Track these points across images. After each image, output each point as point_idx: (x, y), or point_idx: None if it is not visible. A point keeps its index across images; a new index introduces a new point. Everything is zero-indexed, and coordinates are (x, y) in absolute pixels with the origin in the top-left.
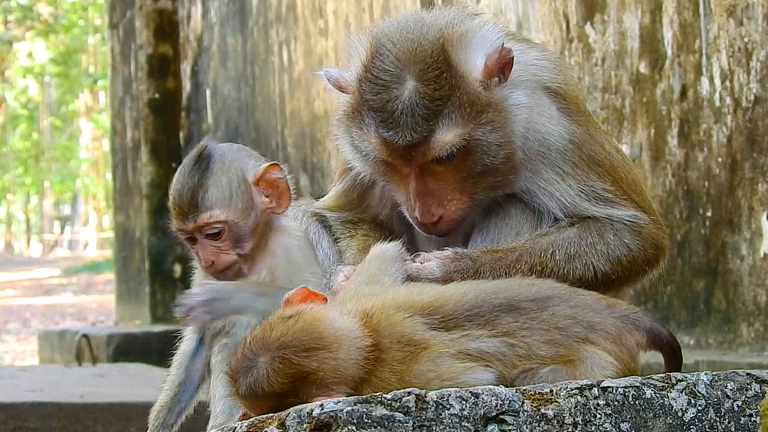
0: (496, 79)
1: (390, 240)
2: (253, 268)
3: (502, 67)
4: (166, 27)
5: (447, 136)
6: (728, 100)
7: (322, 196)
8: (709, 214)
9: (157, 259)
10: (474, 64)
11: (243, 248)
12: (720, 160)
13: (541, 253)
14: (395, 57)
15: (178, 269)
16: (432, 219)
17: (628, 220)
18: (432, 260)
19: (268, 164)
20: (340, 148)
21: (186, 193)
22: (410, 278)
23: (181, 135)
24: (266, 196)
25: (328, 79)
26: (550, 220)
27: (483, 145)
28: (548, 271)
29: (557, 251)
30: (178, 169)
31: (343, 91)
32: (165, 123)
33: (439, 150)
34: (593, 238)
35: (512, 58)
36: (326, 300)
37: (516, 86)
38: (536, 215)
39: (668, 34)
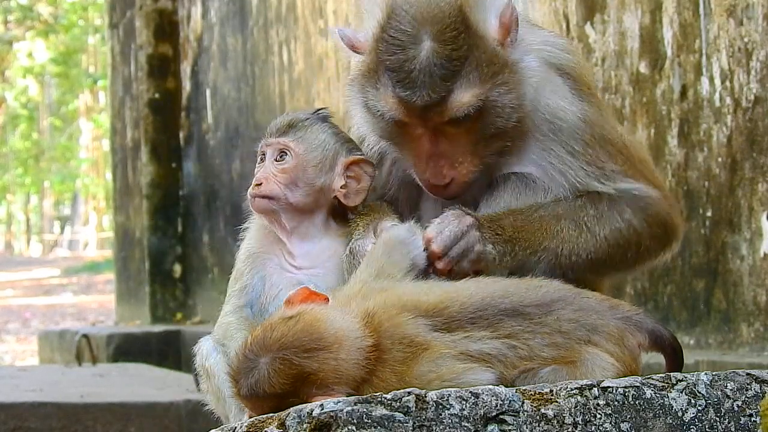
0: (508, 39)
1: (396, 217)
2: (303, 236)
3: (513, 24)
4: (166, 27)
5: (465, 97)
6: (728, 100)
7: None
8: (709, 214)
9: (157, 259)
10: (490, 23)
11: (293, 194)
12: (720, 160)
13: (554, 218)
14: (412, 17)
15: (178, 269)
16: (443, 181)
17: (634, 194)
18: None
19: (366, 158)
20: (352, 112)
21: (290, 118)
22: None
23: (181, 135)
24: (345, 181)
25: (342, 38)
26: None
27: (498, 106)
28: (561, 238)
29: (564, 220)
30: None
31: (356, 52)
32: (165, 123)
33: (456, 110)
34: (594, 208)
35: (517, 16)
36: (328, 300)
37: (527, 52)
38: (546, 194)
39: (668, 34)
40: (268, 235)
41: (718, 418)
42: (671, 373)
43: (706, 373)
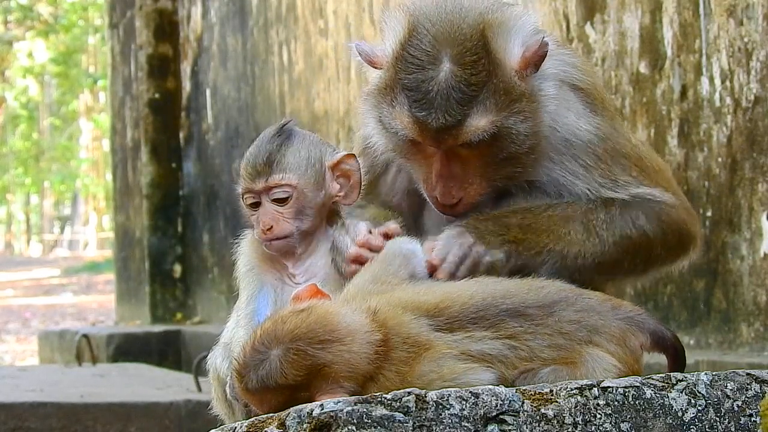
0: (528, 69)
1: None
2: (307, 254)
3: (538, 60)
4: (166, 27)
5: (480, 122)
6: (728, 100)
7: None
8: (709, 214)
9: (157, 259)
10: (512, 52)
11: (303, 223)
12: (720, 160)
13: (562, 221)
14: (433, 37)
15: (178, 269)
16: (452, 201)
17: (647, 199)
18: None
19: (345, 153)
20: (363, 123)
21: (262, 155)
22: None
23: (181, 135)
24: (338, 184)
25: (360, 53)
26: None
27: (512, 133)
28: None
29: (573, 222)
30: (257, 139)
31: (374, 67)
32: (165, 123)
33: (470, 135)
34: (605, 212)
35: (547, 52)
36: (331, 298)
37: (545, 78)
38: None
39: (668, 34)
40: (264, 252)
41: (718, 418)
42: (671, 373)
43: (706, 373)
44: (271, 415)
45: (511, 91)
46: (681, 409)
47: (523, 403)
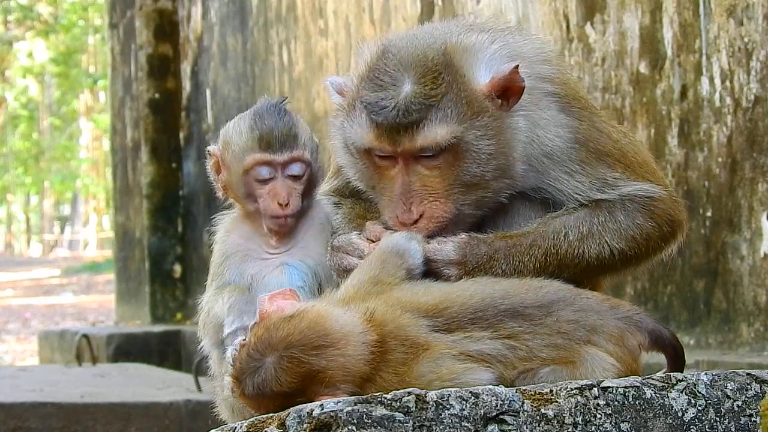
0: (499, 100)
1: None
2: (296, 230)
3: (508, 90)
4: (166, 27)
5: (437, 128)
6: (728, 100)
7: None
8: (709, 214)
9: (157, 259)
10: (478, 73)
11: (308, 201)
12: (720, 160)
13: (554, 236)
14: (398, 61)
15: (178, 269)
16: (411, 217)
17: (639, 196)
18: (448, 243)
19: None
20: (333, 149)
21: (283, 127)
22: (426, 259)
23: (181, 135)
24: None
25: (332, 86)
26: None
27: (473, 150)
28: (563, 252)
29: (570, 232)
30: (253, 114)
31: (342, 95)
32: (165, 123)
33: (426, 139)
34: (603, 216)
35: (523, 87)
36: (293, 293)
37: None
38: (548, 209)
39: (668, 34)
40: (241, 234)
41: (718, 418)
42: (671, 373)
43: (706, 373)
44: (271, 415)
45: (473, 104)
46: (681, 409)
47: (523, 403)
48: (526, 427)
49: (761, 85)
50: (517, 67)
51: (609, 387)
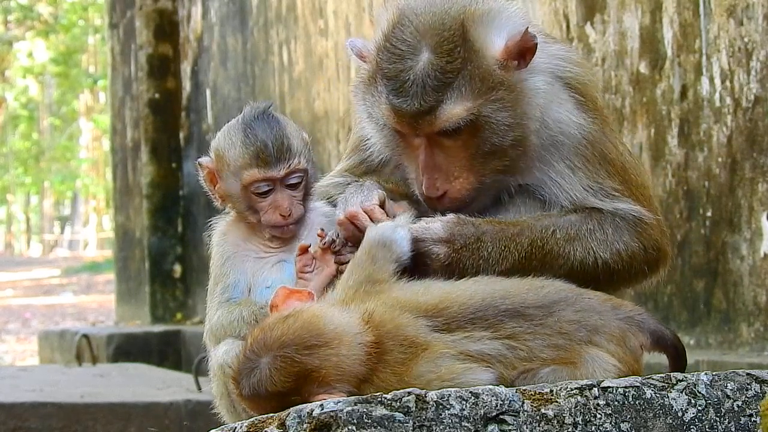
0: (515, 62)
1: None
2: (299, 231)
3: (523, 51)
4: (166, 27)
5: (455, 109)
6: (728, 100)
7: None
8: (709, 214)
9: (157, 259)
10: (492, 42)
11: (305, 205)
12: (720, 160)
13: (542, 230)
14: (414, 28)
15: (178, 269)
16: (437, 193)
17: (630, 216)
18: (436, 222)
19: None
20: (358, 118)
21: (276, 141)
22: (414, 239)
23: (181, 135)
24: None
25: (352, 49)
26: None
27: (492, 123)
28: (548, 248)
29: (558, 231)
30: (244, 127)
31: (363, 60)
32: (165, 123)
33: (445, 121)
34: (593, 224)
35: (535, 44)
36: (310, 295)
37: (536, 72)
38: (545, 207)
39: (668, 34)
40: (238, 235)
41: (718, 418)
42: (671, 373)
43: (706, 373)
44: (271, 415)
45: (487, 79)
46: (681, 409)
47: (523, 403)
48: (526, 427)
49: (761, 85)
50: (527, 29)
51: (609, 387)
